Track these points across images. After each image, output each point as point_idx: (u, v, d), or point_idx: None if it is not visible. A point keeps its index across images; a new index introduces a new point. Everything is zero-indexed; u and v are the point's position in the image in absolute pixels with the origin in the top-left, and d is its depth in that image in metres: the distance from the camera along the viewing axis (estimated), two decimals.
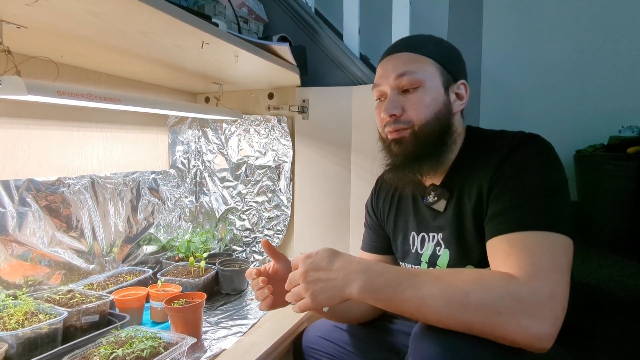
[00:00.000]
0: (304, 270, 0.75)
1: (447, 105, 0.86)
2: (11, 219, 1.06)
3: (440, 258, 0.89)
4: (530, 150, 0.77)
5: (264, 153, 1.65)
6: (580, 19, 2.14)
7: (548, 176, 0.74)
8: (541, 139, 0.79)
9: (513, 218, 0.72)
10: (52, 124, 1.23)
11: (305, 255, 0.77)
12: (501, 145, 0.81)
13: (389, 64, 0.88)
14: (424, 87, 0.84)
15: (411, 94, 0.85)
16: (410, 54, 0.87)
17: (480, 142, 0.86)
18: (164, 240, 1.57)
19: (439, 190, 0.89)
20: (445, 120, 0.85)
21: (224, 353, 1.03)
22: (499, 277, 0.66)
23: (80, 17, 0.79)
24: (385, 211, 1.06)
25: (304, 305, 0.75)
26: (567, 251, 0.69)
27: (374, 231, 1.10)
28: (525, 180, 0.74)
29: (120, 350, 0.86)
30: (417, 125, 0.84)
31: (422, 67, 0.85)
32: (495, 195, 0.77)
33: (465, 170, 0.86)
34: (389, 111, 0.85)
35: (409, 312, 0.69)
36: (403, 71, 0.85)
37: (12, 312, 0.94)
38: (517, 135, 0.81)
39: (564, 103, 2.18)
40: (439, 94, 0.85)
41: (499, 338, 0.63)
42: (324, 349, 1.10)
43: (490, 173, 0.78)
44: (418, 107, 0.84)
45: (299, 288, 0.75)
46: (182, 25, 0.84)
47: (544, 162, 0.76)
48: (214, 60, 1.18)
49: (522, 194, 0.73)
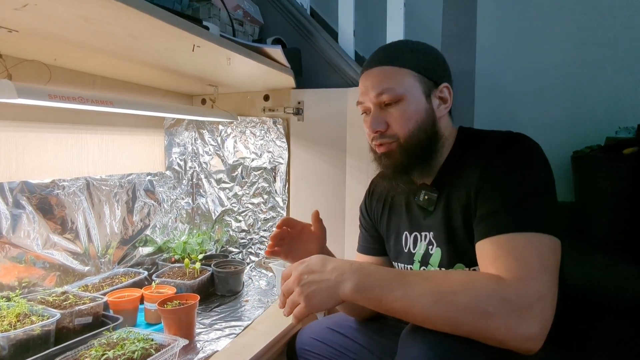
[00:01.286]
0: (297, 274, 0.76)
1: (430, 113, 0.87)
2: (5, 221, 1.07)
3: (432, 257, 0.89)
4: (515, 151, 0.77)
5: (260, 155, 1.65)
6: (575, 20, 2.14)
7: (533, 176, 0.74)
8: (527, 138, 0.79)
9: (500, 220, 0.72)
10: (47, 126, 1.23)
11: (298, 262, 0.79)
12: (487, 146, 0.81)
13: (368, 80, 0.89)
14: (404, 100, 0.85)
15: (393, 107, 0.86)
16: (387, 68, 0.87)
17: (469, 143, 0.87)
18: (160, 242, 1.58)
19: (429, 190, 0.90)
20: (429, 128, 0.86)
21: (216, 355, 1.03)
22: (487, 279, 0.66)
23: (70, 22, 0.79)
24: (378, 212, 1.06)
25: (299, 312, 0.75)
26: (554, 252, 0.69)
27: (369, 233, 1.11)
28: (511, 181, 0.74)
29: (111, 352, 0.87)
30: (402, 139, 0.86)
31: (400, 80, 0.85)
32: (482, 196, 0.77)
33: (454, 171, 0.86)
34: (373, 128, 0.87)
35: (398, 312, 0.69)
36: (382, 89, 0.85)
37: (4, 313, 0.94)
38: (503, 136, 0.82)
39: (560, 104, 2.18)
40: (420, 104, 0.86)
41: (487, 339, 0.63)
42: (318, 351, 1.10)
43: (477, 174, 0.78)
44: (401, 121, 0.85)
45: (293, 295, 0.76)
46: (172, 29, 0.84)
47: (530, 163, 0.76)
48: (207, 63, 1.18)
49: (508, 195, 0.73)
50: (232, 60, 1.12)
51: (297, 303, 0.75)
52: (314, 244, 1.04)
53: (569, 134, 2.10)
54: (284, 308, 0.78)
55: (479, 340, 0.64)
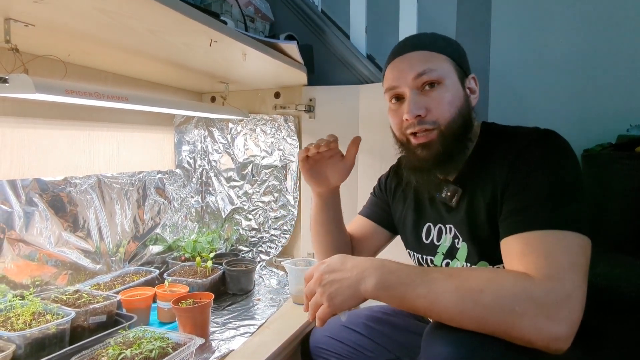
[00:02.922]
0: (319, 274, 0.76)
1: (466, 101, 0.85)
2: (18, 219, 1.05)
3: (459, 251, 0.87)
4: (547, 147, 0.75)
5: (271, 152, 1.64)
6: (588, 17, 2.13)
7: (565, 174, 0.72)
8: (557, 135, 0.77)
9: (529, 217, 0.70)
10: (58, 123, 1.22)
11: (320, 262, 0.79)
12: (517, 141, 0.79)
13: (403, 64, 0.85)
14: (444, 84, 0.82)
15: (432, 92, 0.82)
16: (424, 52, 0.84)
17: (496, 138, 0.84)
18: (170, 241, 1.57)
19: (452, 187, 0.87)
20: (467, 115, 0.84)
21: (232, 354, 1.02)
22: (514, 277, 0.65)
23: (88, 15, 0.78)
24: (396, 195, 1.06)
25: (323, 313, 0.73)
26: (584, 251, 0.67)
27: (378, 204, 1.11)
28: (541, 178, 0.72)
29: (129, 351, 0.85)
30: (443, 125, 0.82)
31: (439, 64, 0.83)
32: (510, 193, 0.75)
33: (479, 167, 0.84)
34: (413, 112, 0.81)
35: (422, 309, 0.68)
36: (422, 70, 0.82)
37: (19, 312, 0.93)
38: (533, 132, 0.80)
39: (572, 102, 2.16)
40: (458, 90, 0.84)
41: (514, 338, 0.62)
42: (333, 349, 1.09)
43: (506, 170, 0.76)
44: (442, 105, 0.81)
45: (315, 296, 0.75)
46: (192, 22, 0.83)
47: (561, 160, 0.74)
48: (222, 59, 1.17)
49: (538, 192, 0.71)
50: (248, 55, 1.11)
51: (320, 304, 0.74)
52: (336, 173, 1.04)
53: (580, 132, 2.08)
54: (307, 311, 0.77)
55: (505, 339, 0.62)
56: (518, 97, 2.24)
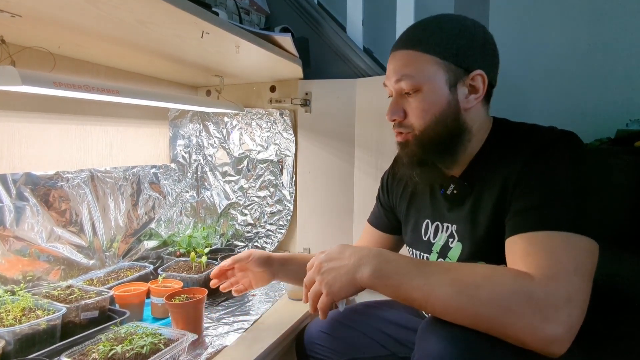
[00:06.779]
0: (318, 263, 0.77)
1: (453, 105, 0.81)
2: (9, 214, 1.04)
3: (452, 250, 0.86)
4: (562, 149, 0.73)
5: (266, 147, 1.62)
6: (587, 10, 2.10)
7: (578, 177, 0.70)
8: (576, 137, 0.75)
9: (536, 216, 0.68)
10: (50, 117, 1.21)
11: (320, 252, 0.80)
12: (534, 140, 0.76)
13: (391, 64, 0.85)
14: (422, 91, 0.80)
15: (410, 98, 0.82)
16: (410, 53, 0.81)
17: (509, 136, 0.82)
18: (165, 236, 1.56)
19: (460, 183, 0.85)
20: (451, 121, 0.81)
21: (225, 350, 1.01)
22: (513, 274, 0.63)
23: (76, 5, 0.76)
24: (398, 193, 1.04)
25: (323, 303, 0.74)
26: (591, 255, 0.65)
27: (383, 212, 1.10)
28: (554, 179, 0.70)
29: (120, 347, 0.84)
30: (417, 130, 0.82)
31: (421, 68, 0.80)
32: (520, 191, 0.73)
33: (489, 164, 0.81)
34: (390, 116, 0.85)
35: (417, 301, 0.67)
36: (400, 76, 0.81)
37: (9, 308, 0.92)
38: (551, 131, 0.77)
39: (570, 96, 2.14)
40: (440, 96, 0.80)
41: (508, 337, 0.60)
42: (327, 344, 1.08)
43: (518, 168, 0.74)
44: (417, 112, 0.81)
45: (315, 285, 0.76)
46: (182, 13, 0.81)
47: (576, 162, 0.71)
48: (215, 52, 1.15)
49: (549, 192, 0.69)
50: (241, 48, 1.09)
51: (320, 293, 0.75)
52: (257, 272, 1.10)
53: (579, 126, 2.05)
54: (308, 303, 0.77)
55: (499, 337, 0.61)
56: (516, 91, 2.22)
